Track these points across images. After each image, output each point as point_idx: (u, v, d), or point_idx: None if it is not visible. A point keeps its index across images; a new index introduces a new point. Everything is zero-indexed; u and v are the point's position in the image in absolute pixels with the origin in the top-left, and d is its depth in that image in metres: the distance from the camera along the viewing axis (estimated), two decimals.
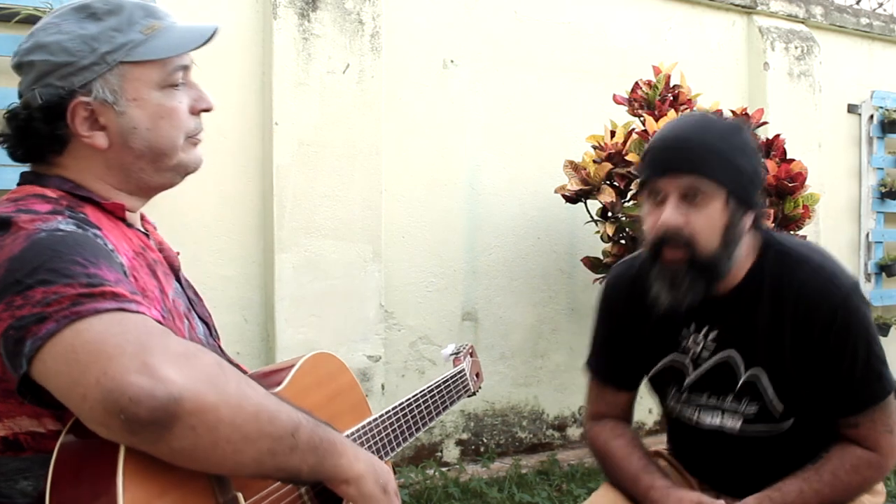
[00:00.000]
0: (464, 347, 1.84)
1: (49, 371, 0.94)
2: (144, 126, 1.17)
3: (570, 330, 4.12)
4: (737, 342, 1.57)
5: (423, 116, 3.75)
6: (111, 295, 0.96)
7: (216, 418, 0.94)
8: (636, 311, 1.64)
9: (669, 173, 1.48)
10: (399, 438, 1.43)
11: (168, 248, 1.31)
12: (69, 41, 1.13)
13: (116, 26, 1.15)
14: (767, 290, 1.55)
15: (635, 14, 4.34)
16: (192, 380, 0.92)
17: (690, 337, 1.61)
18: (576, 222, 3.92)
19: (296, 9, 3.35)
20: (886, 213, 5.18)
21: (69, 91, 1.13)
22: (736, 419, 1.59)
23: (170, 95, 1.19)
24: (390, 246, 3.62)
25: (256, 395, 1.00)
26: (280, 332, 3.27)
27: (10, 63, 1.18)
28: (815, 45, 4.86)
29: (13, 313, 0.95)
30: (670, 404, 1.69)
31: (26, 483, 1.03)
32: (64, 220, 1.05)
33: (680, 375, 1.64)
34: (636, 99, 3.60)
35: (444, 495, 3.30)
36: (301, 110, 3.35)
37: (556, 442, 4.10)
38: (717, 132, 1.49)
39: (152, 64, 1.17)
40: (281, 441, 1.00)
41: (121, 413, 0.89)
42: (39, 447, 1.03)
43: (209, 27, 1.22)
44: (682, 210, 1.47)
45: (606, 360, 1.75)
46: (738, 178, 1.48)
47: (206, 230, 3.20)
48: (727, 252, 1.49)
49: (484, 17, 3.91)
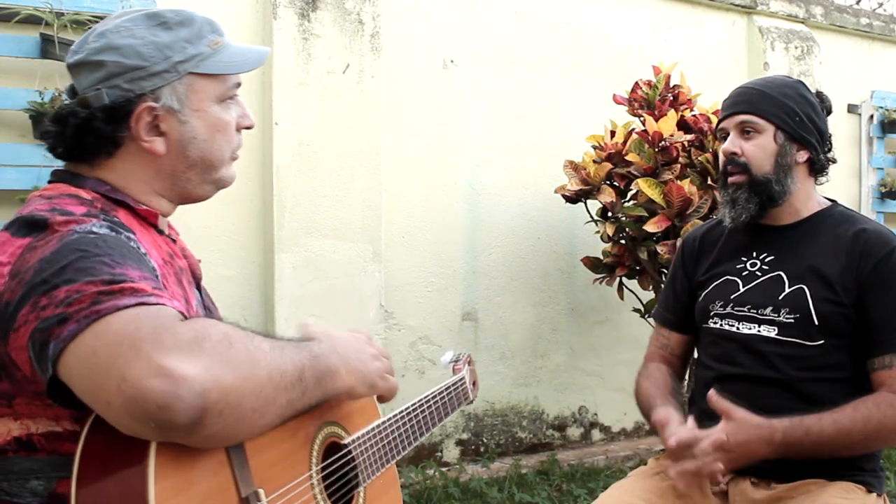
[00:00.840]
0: (462, 356, 1.86)
1: (73, 374, 0.94)
2: (202, 137, 1.21)
3: (570, 330, 4.12)
4: (789, 264, 1.78)
5: (423, 116, 3.75)
6: (131, 291, 0.96)
7: (239, 395, 0.95)
8: (703, 252, 1.93)
9: (730, 115, 1.83)
10: (405, 442, 1.45)
11: (191, 256, 1.32)
12: (142, 46, 1.15)
13: (188, 38, 1.18)
14: (827, 227, 1.79)
15: (635, 14, 4.34)
16: (208, 367, 0.93)
17: (748, 262, 1.84)
18: (576, 222, 3.92)
19: (296, 9, 3.35)
20: (886, 213, 5.18)
21: (138, 95, 1.15)
22: (772, 328, 1.75)
23: (226, 110, 1.24)
24: (390, 246, 3.62)
25: (264, 354, 1.02)
26: (280, 332, 3.27)
27: (71, 59, 1.18)
28: (815, 45, 4.86)
29: (38, 314, 0.96)
30: (712, 320, 1.84)
31: (37, 483, 1.04)
32: (98, 222, 1.06)
33: (729, 291, 1.83)
34: (636, 99, 3.59)
35: (444, 495, 3.30)
36: (301, 110, 3.35)
37: (556, 442, 4.10)
38: (773, 83, 1.83)
39: (216, 78, 1.21)
40: (294, 389, 1.05)
41: (151, 421, 0.90)
42: (53, 448, 1.04)
43: (264, 50, 1.30)
44: (739, 141, 1.81)
45: (666, 303, 2.01)
46: (786, 117, 1.77)
47: (206, 230, 3.20)
48: (778, 176, 1.78)
49: (484, 17, 3.91)
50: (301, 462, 1.19)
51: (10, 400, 1.04)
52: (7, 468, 1.04)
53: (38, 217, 1.05)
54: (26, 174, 2.86)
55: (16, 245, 1.04)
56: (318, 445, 1.23)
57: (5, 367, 1.02)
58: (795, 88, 1.82)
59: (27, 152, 2.88)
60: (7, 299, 1.00)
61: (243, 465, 1.05)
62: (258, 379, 0.99)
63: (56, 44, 2.84)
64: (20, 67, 2.92)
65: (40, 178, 2.85)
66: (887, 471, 3.36)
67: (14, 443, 1.04)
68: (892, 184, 5.13)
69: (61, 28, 2.86)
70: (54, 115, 1.17)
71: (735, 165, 1.80)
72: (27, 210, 1.09)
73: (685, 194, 3.19)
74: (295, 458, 1.18)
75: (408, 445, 1.46)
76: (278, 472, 1.12)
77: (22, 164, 2.87)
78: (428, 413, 1.56)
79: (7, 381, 1.03)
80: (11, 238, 1.05)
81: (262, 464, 1.08)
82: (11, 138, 2.93)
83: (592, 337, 4.18)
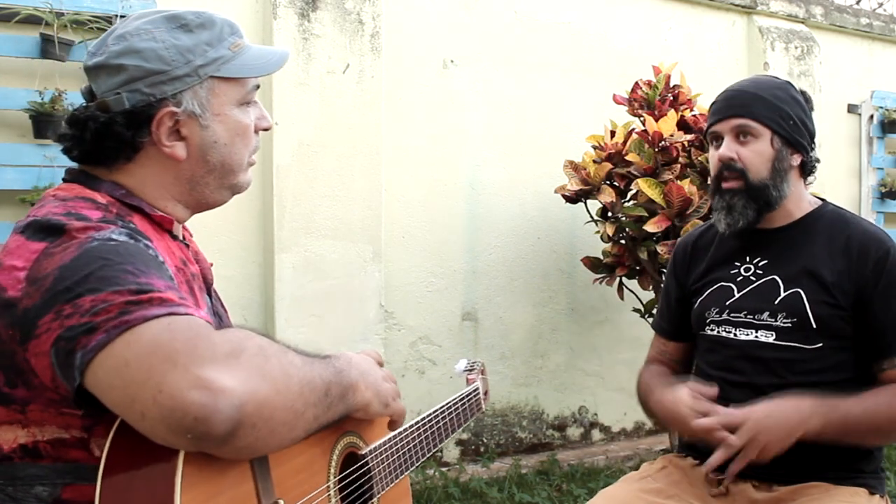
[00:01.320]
0: (477, 365, 1.85)
1: (102, 384, 0.93)
2: (223, 141, 1.19)
3: (570, 330, 4.12)
4: (783, 267, 1.76)
5: (423, 116, 3.75)
6: (159, 301, 0.95)
7: (272, 409, 0.96)
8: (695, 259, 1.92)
9: (725, 118, 1.78)
10: (419, 453, 1.46)
11: (203, 260, 1.31)
12: (164, 50, 1.13)
13: (208, 41, 1.16)
14: (820, 228, 1.77)
15: (635, 14, 4.34)
16: (245, 380, 0.93)
17: (742, 266, 1.82)
18: (576, 222, 3.92)
19: (296, 9, 3.35)
20: (886, 213, 5.18)
21: (159, 99, 1.13)
22: (770, 333, 1.73)
23: (245, 113, 1.22)
24: (390, 246, 3.62)
25: (295, 369, 1.03)
26: (280, 332, 3.27)
27: (89, 62, 1.16)
28: (815, 45, 4.86)
29: (62, 322, 0.95)
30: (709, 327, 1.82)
31: (42, 489, 1.03)
32: (117, 229, 1.05)
33: (724, 297, 1.82)
34: (636, 99, 3.59)
35: (444, 495, 3.30)
36: (301, 110, 3.35)
37: (556, 442, 4.10)
38: (766, 85, 1.80)
39: (236, 81, 1.19)
40: (321, 404, 1.06)
41: (188, 433, 0.89)
42: (59, 455, 1.03)
43: (284, 52, 1.27)
44: (735, 146, 1.76)
45: (662, 312, 2.01)
46: (782, 121, 1.75)
47: (206, 230, 3.20)
48: (775, 181, 1.76)
49: (484, 17, 3.91)
50: (320, 472, 1.19)
51: (25, 406, 1.03)
52: (12, 474, 1.04)
53: (53, 221, 1.03)
54: (26, 174, 2.86)
55: (31, 249, 1.02)
56: (336, 455, 1.24)
57: (23, 374, 1.01)
58: (786, 90, 1.79)
59: (27, 152, 2.88)
60: (26, 305, 0.98)
61: (266, 475, 1.05)
62: (291, 394, 0.99)
63: (56, 44, 2.84)
64: (20, 67, 2.92)
65: (40, 178, 2.85)
66: (888, 471, 3.36)
67: (19, 450, 1.03)
68: (892, 184, 5.13)
69: (61, 28, 2.86)
70: (71, 118, 1.15)
71: (731, 171, 1.76)
72: (41, 212, 1.07)
73: (685, 194, 3.19)
74: (314, 469, 1.18)
75: (421, 457, 1.46)
76: (299, 482, 1.13)
77: (22, 164, 2.87)
78: (442, 424, 1.57)
79: (24, 387, 1.02)
80: (26, 242, 1.03)
81: (283, 474, 1.09)
82: (11, 138, 2.93)
83: (592, 337, 4.18)
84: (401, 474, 1.38)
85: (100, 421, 1.00)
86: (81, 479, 1.00)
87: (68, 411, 1.00)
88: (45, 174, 2.85)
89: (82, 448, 1.02)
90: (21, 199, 2.82)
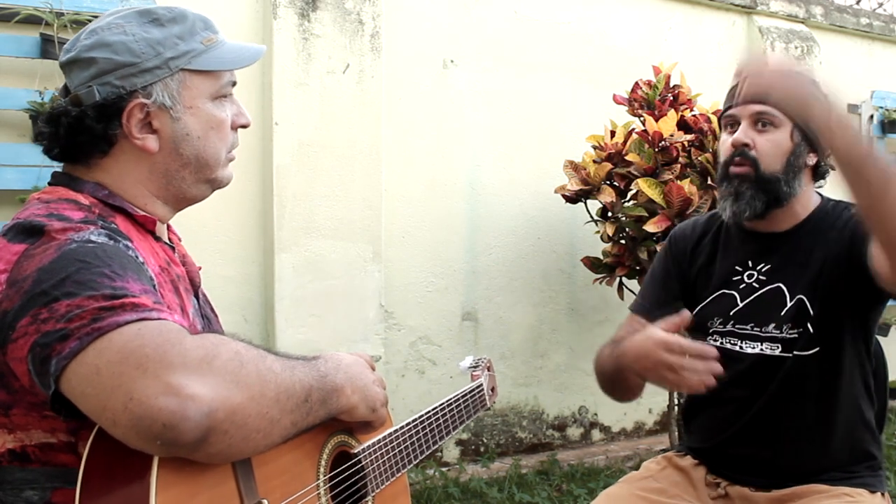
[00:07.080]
0: (482, 361, 1.84)
1: (76, 392, 0.94)
2: (196, 134, 1.19)
3: (570, 330, 4.12)
4: (788, 273, 1.69)
5: (423, 116, 3.75)
6: (131, 306, 0.95)
7: (244, 415, 0.95)
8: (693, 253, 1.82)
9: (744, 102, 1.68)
10: (417, 451, 1.44)
11: (191, 262, 1.31)
12: (134, 42, 1.14)
13: (180, 34, 1.17)
14: (824, 226, 1.69)
15: (635, 14, 4.34)
16: (217, 387, 0.93)
17: (745, 273, 1.74)
18: (576, 222, 3.92)
19: (296, 9, 3.35)
20: None
21: (129, 91, 1.13)
22: (776, 345, 1.68)
23: (220, 107, 1.22)
24: (390, 246, 3.62)
25: (273, 375, 1.02)
26: (280, 332, 3.27)
27: (62, 58, 1.17)
28: (815, 45, 4.85)
29: (38, 327, 0.95)
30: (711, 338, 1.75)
31: (32, 492, 1.03)
32: (96, 230, 1.05)
33: (727, 307, 1.74)
34: (636, 99, 3.59)
35: (444, 495, 3.30)
36: (301, 110, 3.35)
37: (556, 442, 4.10)
38: None
39: (209, 75, 1.20)
40: (299, 410, 1.06)
41: (157, 439, 0.90)
42: (47, 459, 1.03)
43: (259, 48, 1.27)
44: (752, 133, 1.67)
45: (644, 295, 1.88)
46: None
47: (205, 230, 3.20)
48: (787, 177, 1.67)
49: (484, 17, 3.91)
50: (308, 471, 1.19)
51: (7, 410, 1.03)
52: (1, 478, 1.04)
53: (34, 223, 1.04)
54: (26, 174, 2.86)
55: (12, 252, 1.02)
56: (326, 455, 1.23)
57: (3, 377, 1.01)
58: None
59: (27, 152, 2.88)
60: (5, 308, 0.98)
61: (248, 475, 1.05)
62: (266, 400, 0.99)
63: (56, 44, 2.84)
64: (20, 67, 2.92)
65: (40, 178, 2.85)
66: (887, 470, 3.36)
67: (8, 454, 1.04)
68: None
69: (61, 28, 2.86)
70: (47, 116, 1.16)
71: (743, 157, 1.68)
72: (24, 215, 1.08)
73: (685, 194, 3.19)
74: (302, 468, 1.17)
75: (420, 454, 1.45)
76: (284, 481, 1.12)
77: (22, 164, 2.87)
78: (442, 421, 1.55)
79: (4, 390, 1.02)
80: (8, 244, 1.04)
81: (268, 474, 1.08)
82: (11, 138, 2.93)
83: (592, 337, 4.17)
84: (397, 472, 1.37)
85: (84, 424, 0.99)
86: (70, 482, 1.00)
87: (50, 414, 1.00)
88: (45, 174, 2.81)
89: (70, 452, 1.03)
90: (21, 199, 2.82)
